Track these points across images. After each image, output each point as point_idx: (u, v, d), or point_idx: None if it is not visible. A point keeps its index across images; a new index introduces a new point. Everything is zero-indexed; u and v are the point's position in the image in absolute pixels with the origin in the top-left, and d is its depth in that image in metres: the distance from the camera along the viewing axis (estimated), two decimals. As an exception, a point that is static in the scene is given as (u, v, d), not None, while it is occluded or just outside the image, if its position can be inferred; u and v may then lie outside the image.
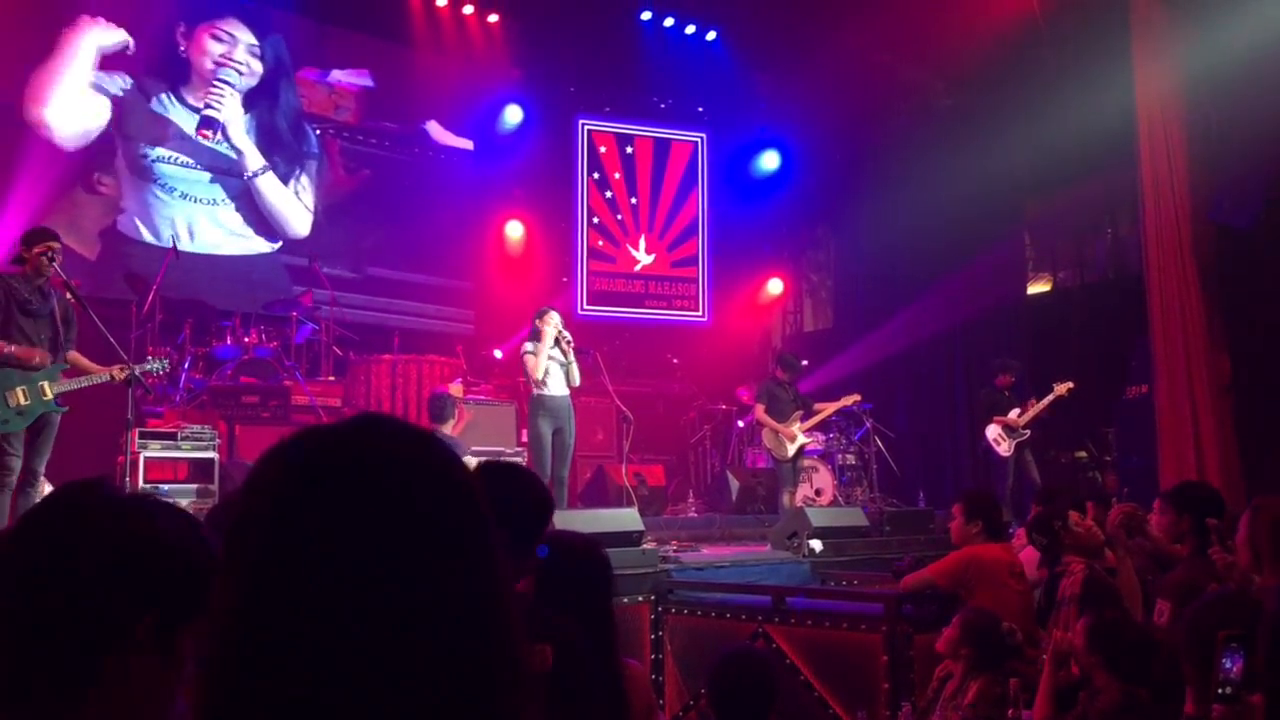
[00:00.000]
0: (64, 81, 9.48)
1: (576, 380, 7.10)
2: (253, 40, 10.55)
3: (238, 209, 10.40)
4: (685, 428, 11.29)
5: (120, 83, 9.80)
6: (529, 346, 7.03)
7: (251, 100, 10.53)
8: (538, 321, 7.11)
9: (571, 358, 7.00)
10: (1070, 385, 8.68)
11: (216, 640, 0.71)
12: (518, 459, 8.53)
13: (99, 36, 9.66)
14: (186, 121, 10.16)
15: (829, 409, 8.59)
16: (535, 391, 6.94)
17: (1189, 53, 8.25)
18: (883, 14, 10.30)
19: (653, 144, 12.54)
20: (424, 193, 11.41)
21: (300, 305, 9.34)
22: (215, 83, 10.23)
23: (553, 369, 6.95)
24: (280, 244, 10.59)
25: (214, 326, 8.97)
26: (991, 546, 4.53)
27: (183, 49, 10.15)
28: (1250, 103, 7.83)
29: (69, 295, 5.47)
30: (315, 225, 10.79)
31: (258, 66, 10.55)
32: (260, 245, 10.53)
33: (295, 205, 10.83)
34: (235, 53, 10.38)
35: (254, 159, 10.59)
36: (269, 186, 10.69)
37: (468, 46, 11.58)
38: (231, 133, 10.45)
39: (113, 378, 5.41)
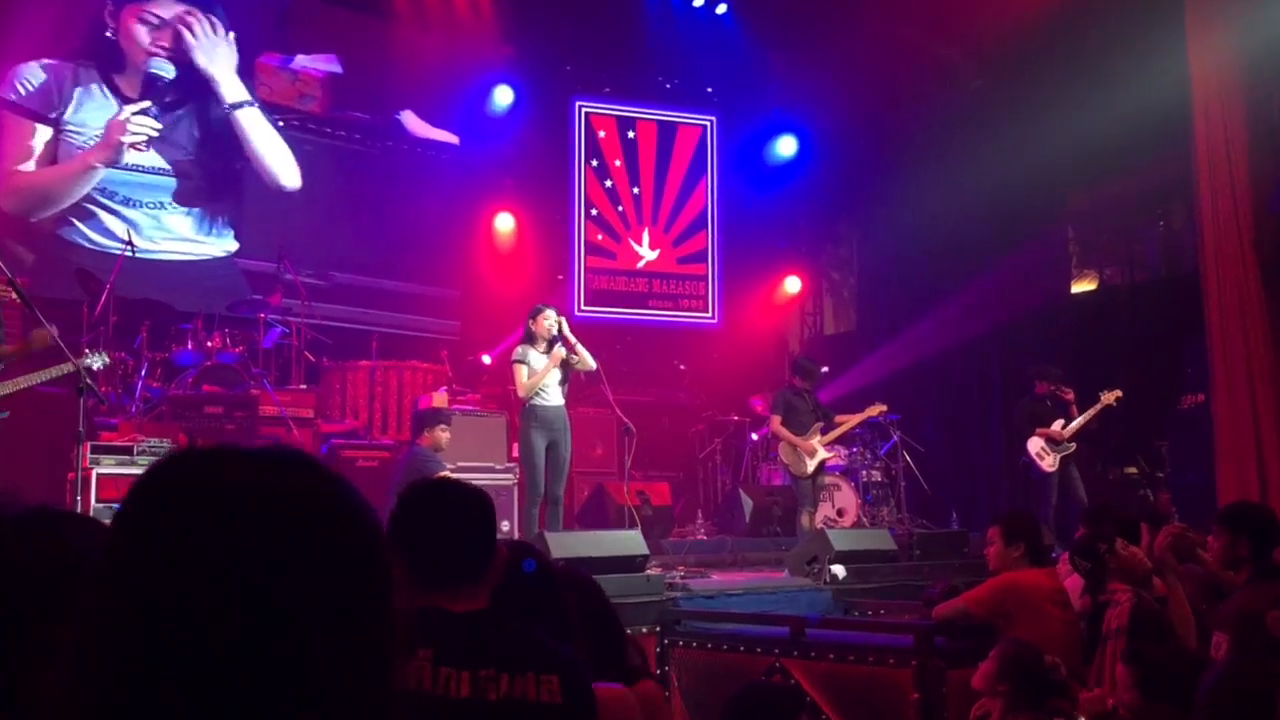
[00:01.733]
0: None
1: (592, 364, 7.09)
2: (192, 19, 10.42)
3: (188, 212, 10.39)
4: (693, 441, 11.30)
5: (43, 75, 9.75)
6: (520, 352, 7.04)
7: (189, 91, 10.45)
8: (531, 323, 7.12)
9: (581, 351, 7.00)
10: (1118, 394, 8.67)
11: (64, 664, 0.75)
12: (508, 476, 8.53)
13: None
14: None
15: (852, 420, 8.59)
16: (527, 401, 6.96)
17: (1249, 25, 8.25)
18: (910, -15, 10.36)
19: (657, 128, 12.57)
20: (402, 188, 11.43)
21: (268, 306, 9.35)
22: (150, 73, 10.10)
23: (549, 378, 6.96)
24: (238, 247, 10.58)
25: (173, 330, 8.97)
26: (1033, 572, 4.52)
27: (110, 30, 10.09)
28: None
29: (12, 294, 5.48)
30: (281, 225, 10.78)
31: (202, 61, 10.42)
32: (213, 249, 10.54)
33: (281, 148, 10.83)
34: (169, 38, 10.23)
35: (233, 89, 10.54)
36: (252, 123, 10.68)
37: (451, 20, 11.62)
38: (200, 60, 10.31)
39: (55, 376, 5.39)
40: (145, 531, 0.77)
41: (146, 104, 9.93)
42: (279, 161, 10.86)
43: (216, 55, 10.47)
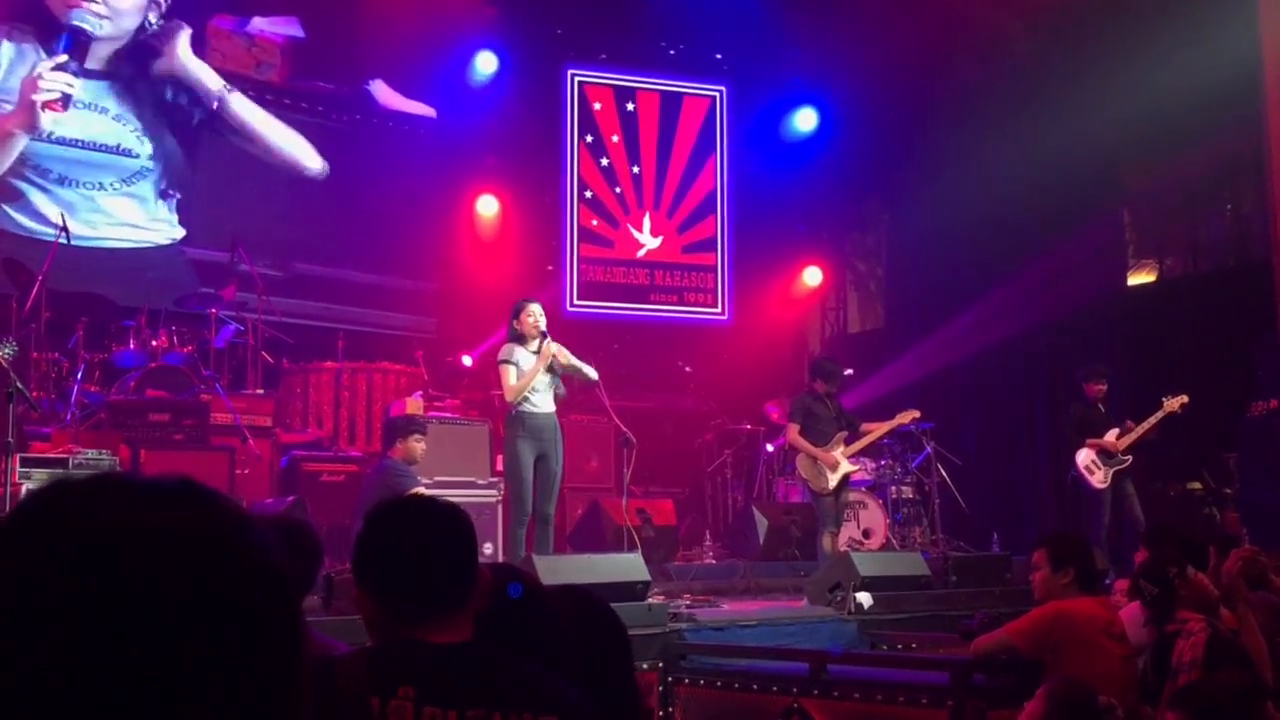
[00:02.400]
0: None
1: (593, 375, 7.10)
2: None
3: (131, 194, 10.37)
4: (701, 453, 11.29)
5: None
6: (507, 352, 7.03)
7: (131, 56, 10.43)
8: (515, 322, 7.11)
9: (570, 358, 7.00)
10: (1183, 399, 8.64)
11: None
12: (491, 492, 8.53)
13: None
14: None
15: (880, 429, 8.60)
16: (514, 407, 6.94)
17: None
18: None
19: (659, 100, 12.58)
20: (372, 167, 11.45)
21: (221, 301, 9.35)
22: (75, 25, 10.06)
23: (537, 381, 6.95)
24: (185, 234, 10.57)
25: (113, 327, 8.97)
26: (1085, 601, 4.51)
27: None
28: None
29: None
30: (235, 209, 10.77)
31: (130, 23, 10.40)
32: (157, 236, 10.53)
33: (285, 130, 10.85)
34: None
35: (212, 78, 10.60)
36: (244, 109, 10.69)
37: (429, -22, 11.71)
38: (180, 63, 10.37)
39: None
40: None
41: (63, 58, 9.89)
42: (290, 141, 10.87)
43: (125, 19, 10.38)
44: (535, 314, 7.04)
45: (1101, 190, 10.84)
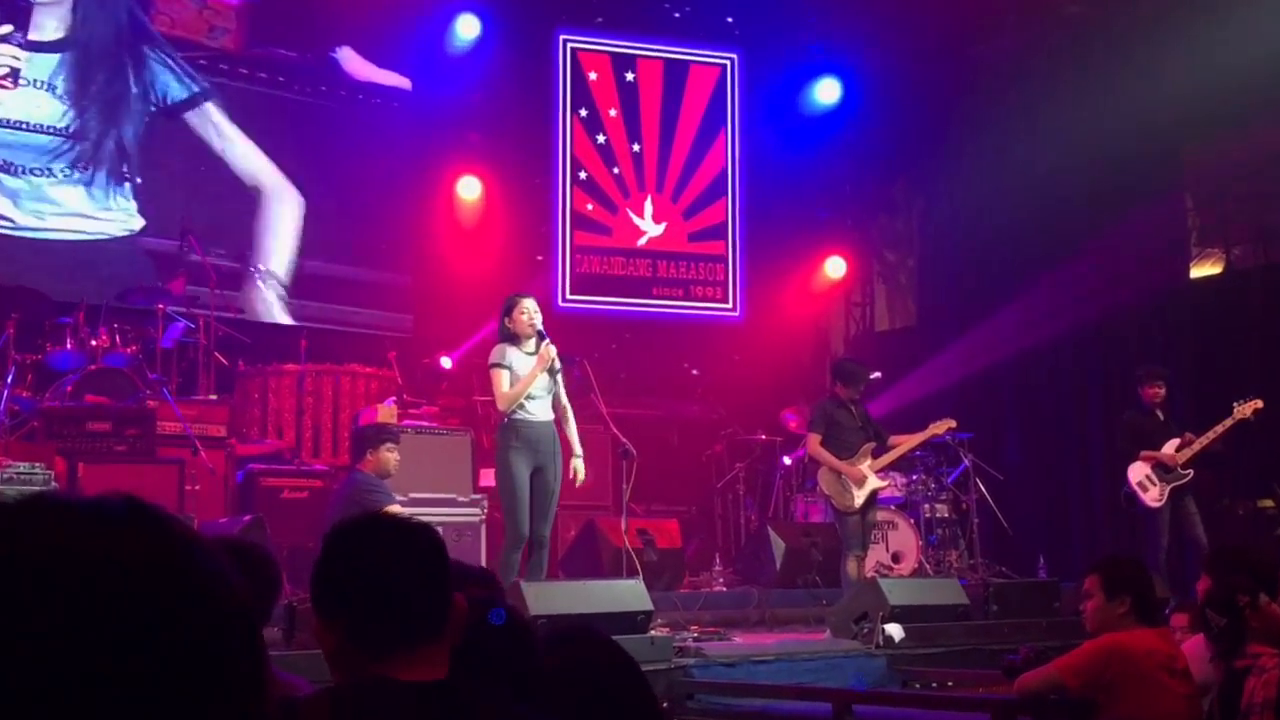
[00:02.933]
0: None
1: (563, 401, 7.11)
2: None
3: (81, 181, 10.36)
4: (709, 466, 11.28)
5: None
6: (499, 354, 6.98)
7: (83, 28, 10.40)
8: (506, 320, 7.08)
9: (557, 365, 7.00)
10: (1258, 405, 8.60)
11: None
12: (474, 511, 8.52)
13: None
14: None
15: (912, 440, 8.59)
16: (508, 415, 6.91)
17: None
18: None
19: (663, 69, 12.58)
20: (340, 145, 11.45)
21: (169, 295, 9.35)
22: None
23: (534, 386, 6.92)
24: (144, 225, 10.56)
25: (48, 325, 8.96)
26: (1142, 633, 4.50)
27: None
28: None
29: None
30: (185, 193, 10.76)
31: None
32: (111, 227, 10.51)
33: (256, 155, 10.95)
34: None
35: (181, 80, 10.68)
36: (215, 122, 10.81)
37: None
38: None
39: None
40: None
41: (8, 29, 9.89)
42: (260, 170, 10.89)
43: None
44: (530, 311, 7.03)
45: (1161, 171, 10.81)
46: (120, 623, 0.76)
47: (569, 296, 11.94)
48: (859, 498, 8.12)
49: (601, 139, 12.34)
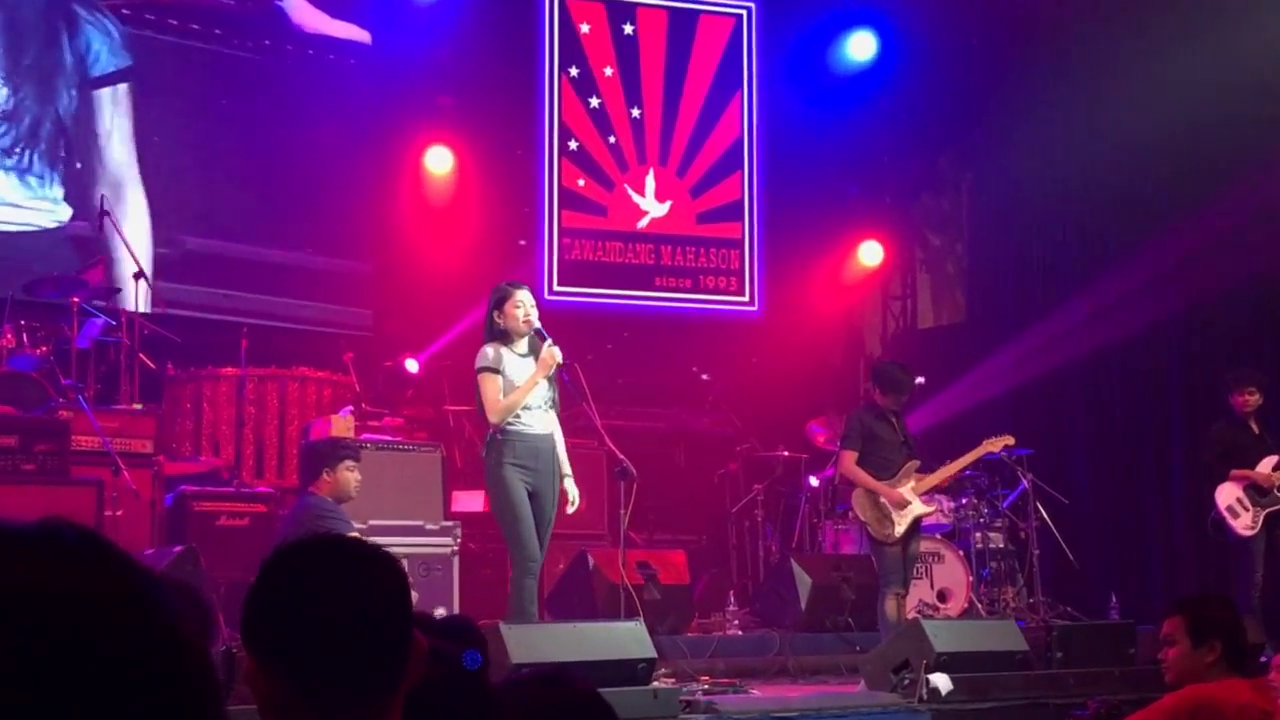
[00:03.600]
0: None
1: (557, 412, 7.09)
2: None
3: (15, 166, 10.34)
4: (722, 488, 11.27)
5: None
6: (488, 357, 6.90)
7: None
8: (495, 315, 7.01)
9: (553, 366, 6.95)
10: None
11: None
12: (445, 541, 8.47)
13: None
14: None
15: (963, 460, 8.55)
16: (500, 427, 6.82)
17: None
18: None
19: (668, 20, 12.57)
20: (288, 110, 11.44)
21: (85, 287, 9.31)
22: None
23: (531, 394, 6.88)
24: (72, 213, 10.52)
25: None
26: (1233, 684, 4.47)
27: None
28: None
29: None
30: (105, 165, 10.72)
31: None
32: (40, 217, 10.48)
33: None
34: None
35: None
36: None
37: None
38: None
39: None
40: None
41: None
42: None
43: None
44: (525, 304, 7.00)
45: (1259, 141, 10.77)
46: (81, 669, 0.77)
47: (556, 288, 11.90)
48: (900, 525, 8.07)
49: (595, 103, 12.31)
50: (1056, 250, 11.89)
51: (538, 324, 7.00)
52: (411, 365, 10.79)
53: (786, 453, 11.16)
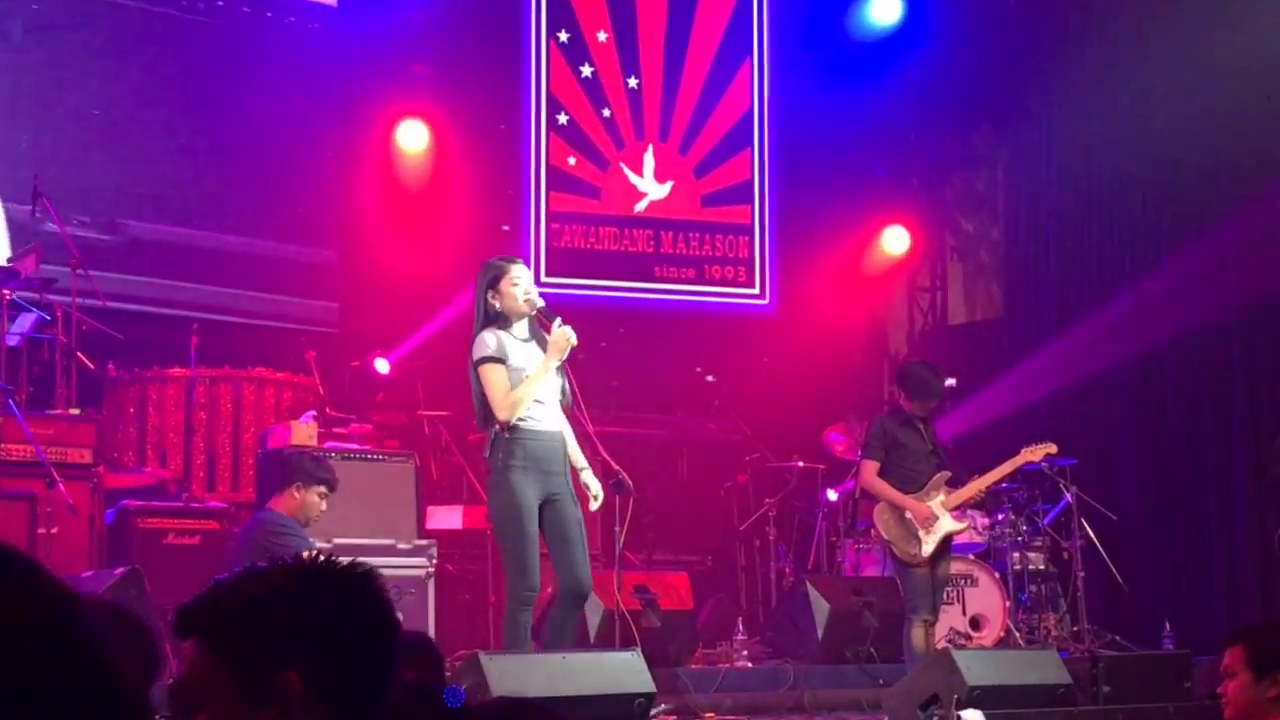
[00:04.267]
0: None
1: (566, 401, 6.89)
2: None
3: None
4: (730, 503, 11.27)
5: None
6: (489, 344, 6.67)
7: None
8: (489, 295, 6.78)
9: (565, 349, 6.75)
10: None
11: None
12: (419, 561, 8.48)
13: None
14: None
15: (999, 471, 8.55)
16: (507, 426, 6.65)
17: None
18: None
19: (668, -21, 12.58)
20: (244, 81, 11.42)
21: (16, 277, 9.30)
22: None
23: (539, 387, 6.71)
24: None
25: None
26: (1303, 722, 4.49)
27: None
28: None
29: None
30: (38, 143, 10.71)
31: None
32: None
33: None
34: None
35: None
36: None
37: None
38: None
39: None
40: None
41: None
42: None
43: None
44: (523, 280, 6.79)
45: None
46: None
47: (544, 279, 11.86)
48: (928, 544, 8.08)
49: (587, 71, 12.32)
50: (1104, 236, 11.86)
51: (540, 302, 6.79)
52: (381, 365, 10.79)
53: (801, 463, 11.17)
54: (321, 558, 1.99)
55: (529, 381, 6.60)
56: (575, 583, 6.64)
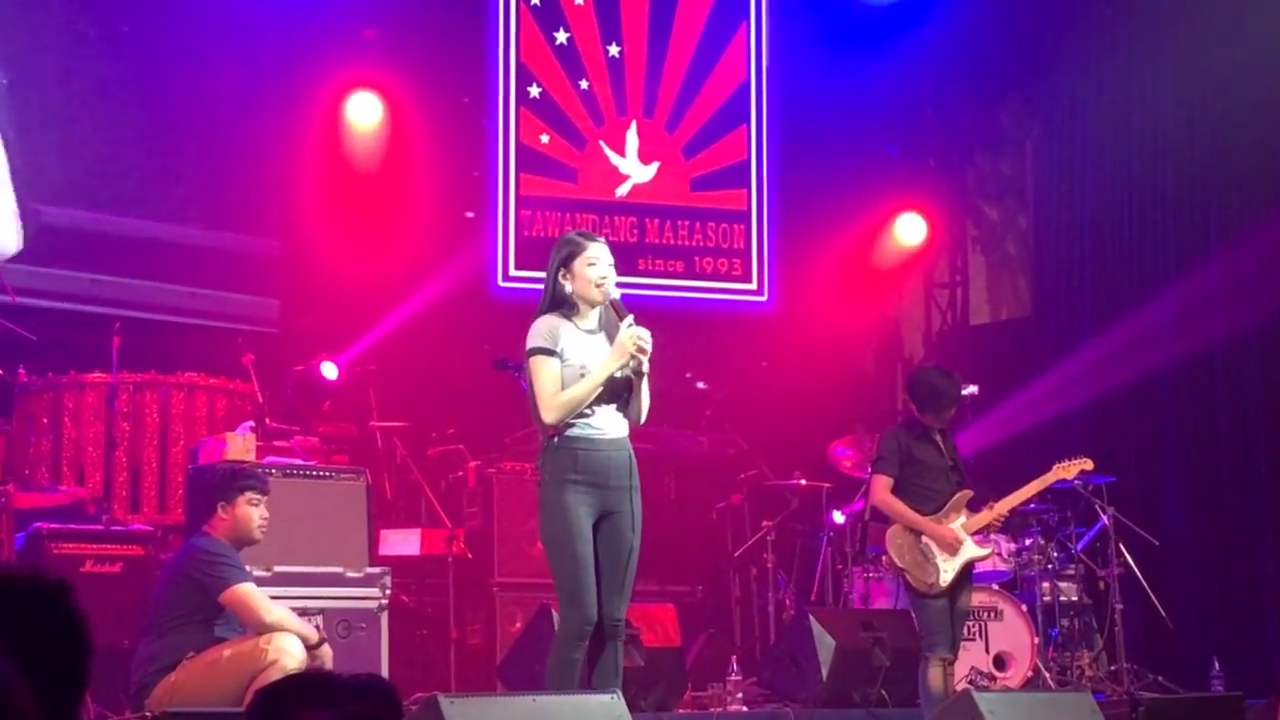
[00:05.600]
0: None
1: (644, 409, 6.60)
2: None
3: None
4: (724, 526, 11.31)
5: None
6: (545, 333, 6.47)
7: None
8: (563, 276, 6.55)
9: (644, 360, 6.52)
10: None
11: None
12: (370, 592, 8.46)
13: None
14: None
15: (1026, 491, 8.56)
16: (557, 434, 6.60)
17: None
18: None
19: (654, -65, 12.59)
20: (172, 48, 11.38)
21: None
22: None
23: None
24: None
25: None
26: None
27: None
28: None
29: None
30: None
31: None
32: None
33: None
34: None
35: None
36: None
37: None
38: None
39: None
40: None
41: None
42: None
43: None
44: (601, 262, 6.56)
45: None
46: None
47: (513, 272, 11.89)
48: (947, 572, 8.08)
49: (563, 38, 12.31)
50: (1146, 224, 11.86)
51: (615, 292, 6.58)
52: (329, 370, 10.77)
53: (804, 481, 11.19)
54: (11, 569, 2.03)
55: (585, 382, 6.38)
56: (608, 618, 6.46)
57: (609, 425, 6.48)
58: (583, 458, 6.40)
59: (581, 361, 6.40)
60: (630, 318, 6.46)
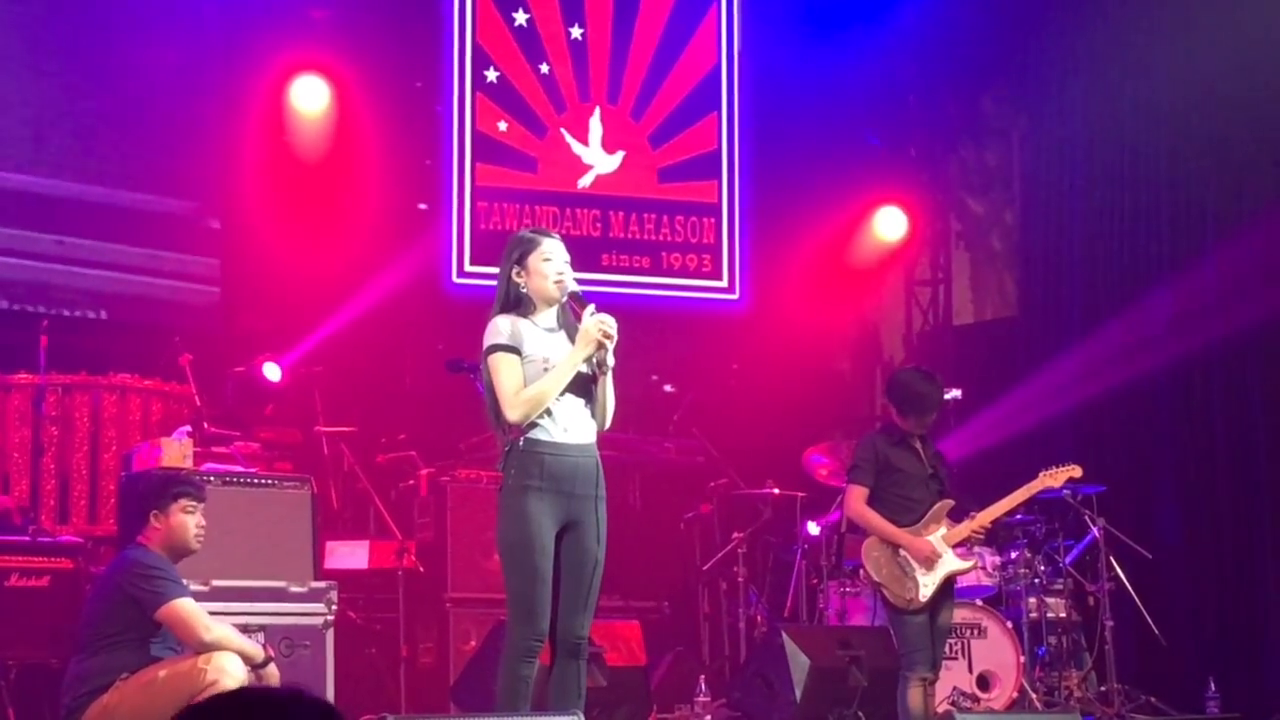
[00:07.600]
0: None
1: (609, 412, 6.64)
2: None
3: None
4: (691, 538, 11.33)
5: None
6: (502, 330, 6.49)
7: None
8: (515, 274, 6.61)
9: (609, 351, 6.54)
10: None
11: None
12: (315, 607, 8.46)
13: None
14: None
15: (1011, 500, 8.58)
16: (520, 435, 6.57)
17: None
18: None
19: (619, -90, 12.61)
20: (108, 20, 11.37)
21: None
22: None
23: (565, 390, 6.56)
24: None
25: None
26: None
27: None
28: None
29: None
30: None
31: None
32: None
33: None
34: None
35: None
36: None
37: None
38: None
39: None
40: None
41: None
42: None
43: None
44: (556, 257, 6.61)
45: None
46: None
47: (469, 268, 11.90)
48: (927, 587, 8.11)
49: (522, 19, 12.32)
50: (1139, 219, 11.89)
51: (573, 285, 6.61)
52: (272, 372, 10.76)
53: (777, 490, 11.19)
54: None
55: (550, 376, 6.39)
56: (563, 630, 6.47)
57: (576, 428, 6.48)
58: (549, 462, 6.39)
59: (544, 355, 6.41)
60: (592, 306, 6.48)
